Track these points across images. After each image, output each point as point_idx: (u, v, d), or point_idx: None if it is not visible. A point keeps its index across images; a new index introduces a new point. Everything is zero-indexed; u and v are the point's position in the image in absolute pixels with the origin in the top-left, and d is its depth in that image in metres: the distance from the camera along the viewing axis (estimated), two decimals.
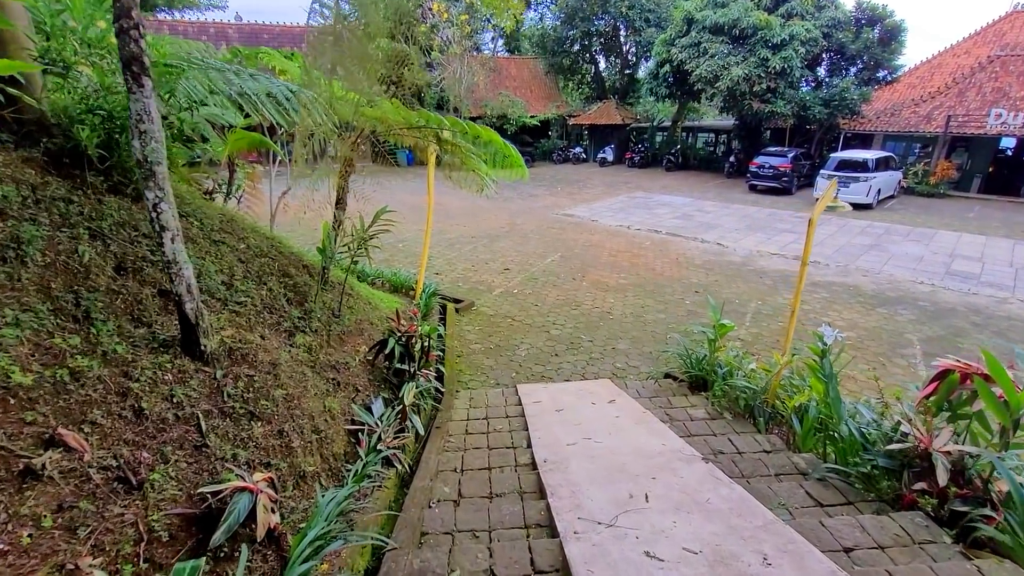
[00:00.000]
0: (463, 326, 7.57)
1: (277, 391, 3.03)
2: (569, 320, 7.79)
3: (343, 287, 4.93)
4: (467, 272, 10.00)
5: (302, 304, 4.28)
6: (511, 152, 5.36)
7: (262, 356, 3.17)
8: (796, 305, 4.75)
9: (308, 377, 3.51)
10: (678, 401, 5.09)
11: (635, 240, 12.61)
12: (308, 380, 3.48)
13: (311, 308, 4.26)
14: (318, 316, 4.34)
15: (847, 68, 19.84)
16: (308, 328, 4.10)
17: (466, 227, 13.74)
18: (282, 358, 3.34)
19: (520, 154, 20.91)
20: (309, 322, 4.16)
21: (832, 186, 4.79)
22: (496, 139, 5.04)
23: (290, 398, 3.11)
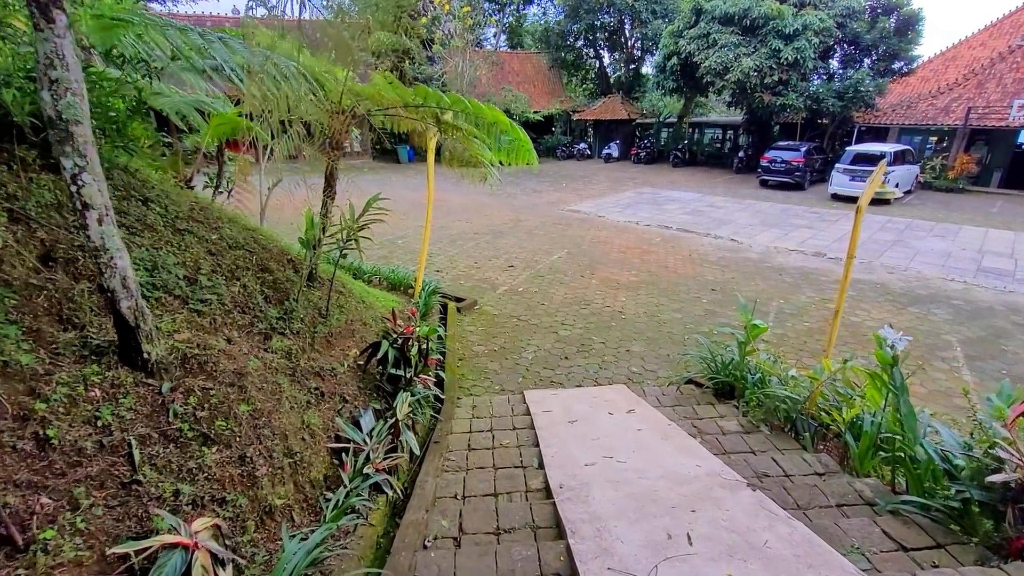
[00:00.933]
0: (465, 326, 7.05)
1: (241, 407, 2.51)
2: (579, 320, 7.26)
3: (331, 283, 4.41)
4: (469, 269, 9.48)
5: (283, 303, 3.76)
6: (519, 135, 4.82)
7: (225, 364, 2.65)
8: (840, 304, 4.21)
9: (283, 388, 2.99)
10: (705, 411, 4.55)
11: (645, 236, 12.06)
12: (283, 391, 2.97)
13: (292, 307, 3.74)
14: (301, 316, 3.83)
15: (861, 59, 19.21)
16: (288, 330, 3.58)
17: (468, 223, 13.22)
18: (251, 366, 2.82)
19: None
20: (289, 323, 3.64)
21: (881, 169, 4.24)
22: (502, 119, 4.50)
23: (258, 414, 2.60)
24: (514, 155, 5.28)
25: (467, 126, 5.04)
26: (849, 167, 15.58)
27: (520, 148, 5.21)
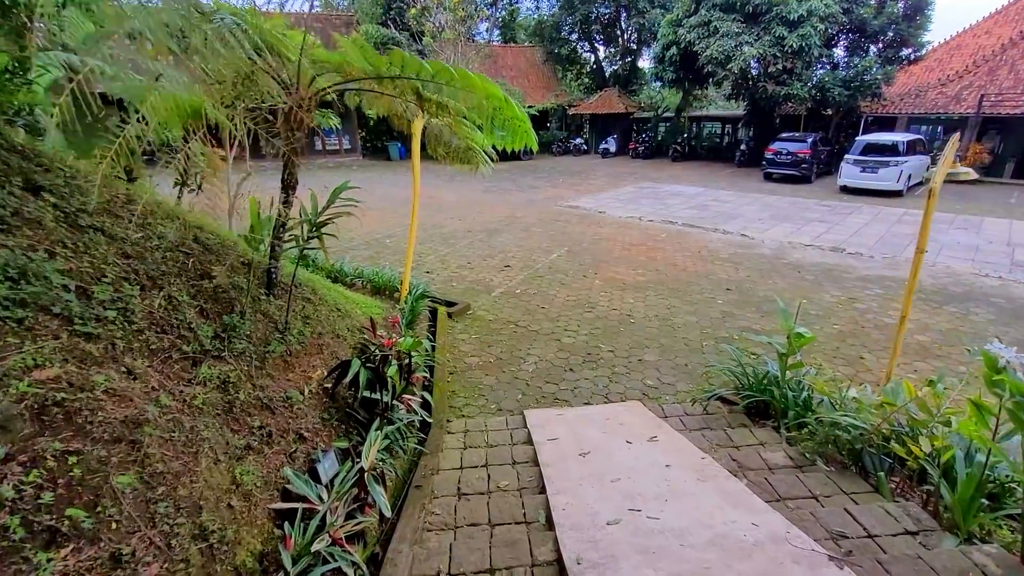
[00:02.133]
0: (457, 334, 6.31)
1: (122, 477, 1.76)
2: (583, 325, 6.53)
3: (291, 289, 3.66)
4: (462, 270, 8.73)
5: (224, 317, 3.01)
6: (515, 112, 4.08)
7: (111, 411, 1.91)
8: (907, 308, 3.50)
9: (206, 435, 2.24)
10: (740, 436, 3.83)
11: (649, 232, 11.34)
12: (206, 440, 2.22)
13: (234, 322, 2.99)
14: (247, 333, 3.08)
15: (867, 47, 18.53)
16: (227, 352, 2.84)
17: (461, 221, 12.47)
18: (154, 410, 2.07)
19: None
20: (230, 343, 2.89)
21: (952, 146, 3.53)
22: (495, 93, 3.75)
23: (154, 482, 1.85)
24: (510, 137, 4.52)
25: (454, 104, 4.29)
26: (859, 158, 14.89)
27: (517, 129, 4.45)
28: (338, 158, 25.22)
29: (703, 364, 5.55)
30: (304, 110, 3.77)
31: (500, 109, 4.14)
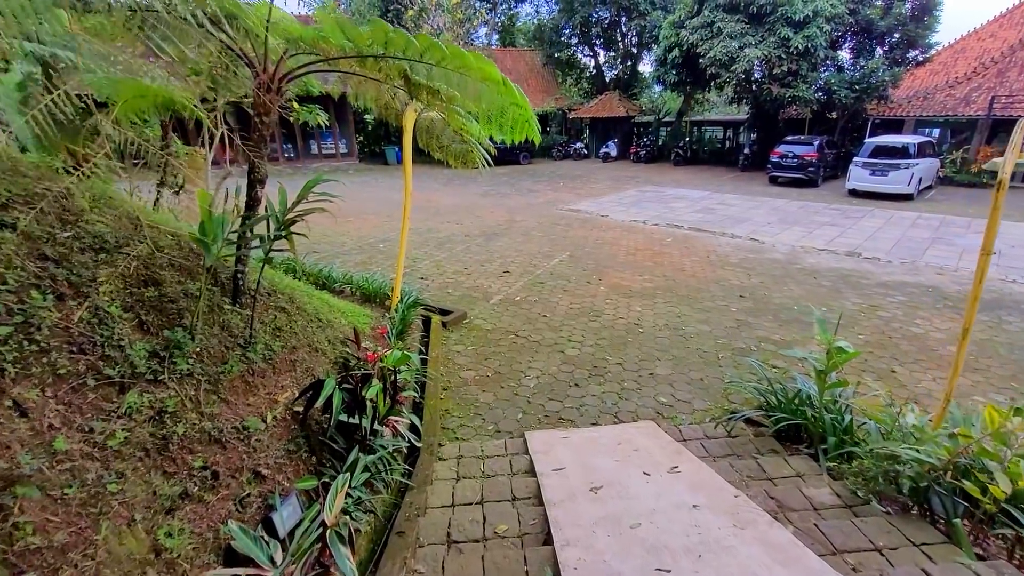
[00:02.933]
0: (452, 345, 5.82)
1: None
2: (588, 335, 6.05)
3: (255, 297, 3.17)
4: (459, 276, 8.25)
5: (166, 331, 2.53)
6: (516, 97, 3.61)
7: None
8: (971, 320, 3.02)
9: (118, 488, 1.75)
10: (773, 465, 3.34)
11: (654, 236, 10.88)
12: (118, 493, 1.73)
13: (176, 339, 2.50)
14: (196, 350, 2.59)
15: (874, 48, 18.17)
16: (166, 374, 2.35)
17: (458, 225, 12.01)
18: (32, 463, 1.58)
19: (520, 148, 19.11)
20: (171, 363, 2.40)
21: (1021, 132, 3.06)
22: (493, 74, 3.29)
23: (26, 561, 1.36)
24: (510, 127, 4.05)
25: (447, 89, 3.82)
26: (869, 160, 14.46)
27: (518, 119, 3.98)
28: (334, 162, 24.79)
29: (721, 378, 5.07)
30: (272, 93, 3.29)
31: (499, 95, 3.66)
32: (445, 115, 4.31)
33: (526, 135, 4.10)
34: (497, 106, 3.89)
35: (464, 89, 3.64)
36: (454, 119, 4.21)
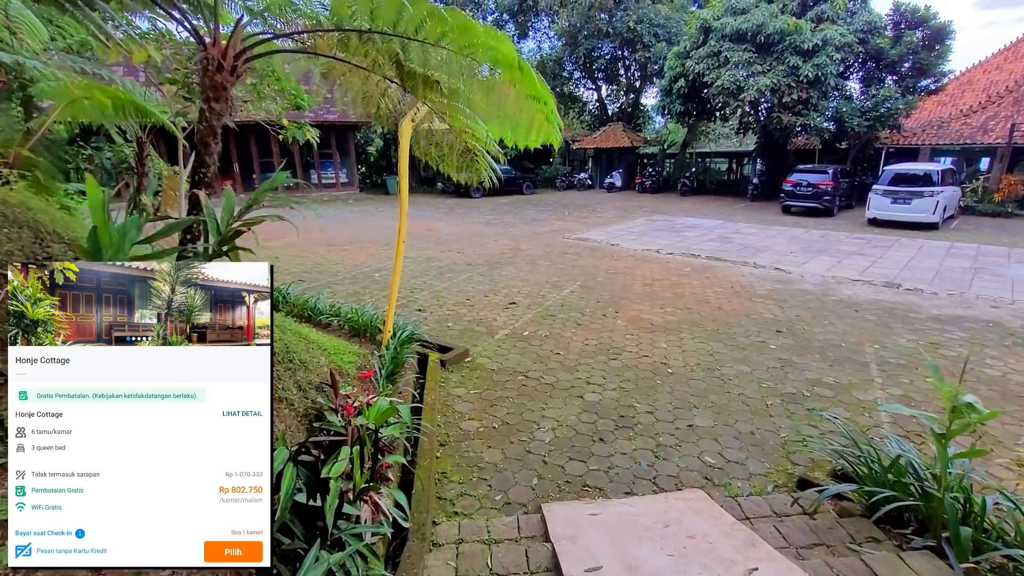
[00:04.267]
0: (451, 388, 4.97)
1: None
2: (609, 376, 5.21)
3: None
4: (460, 307, 7.46)
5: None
6: (535, 86, 2.89)
7: None
8: None
9: None
10: (886, 567, 2.45)
11: (671, 266, 10.13)
12: None
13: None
14: None
15: (884, 77, 17.85)
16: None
17: (460, 254, 11.30)
18: None
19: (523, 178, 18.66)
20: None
21: None
22: (507, 53, 2.59)
23: None
24: (525, 128, 3.33)
25: (449, 81, 3.11)
26: (890, 188, 13.86)
27: (536, 117, 3.26)
28: (334, 191, 24.38)
29: (775, 432, 4.20)
30: (225, 73, 2.58)
31: (514, 84, 2.95)
32: (446, 115, 3.60)
33: (544, 139, 3.38)
34: (512, 102, 3.17)
35: (470, 79, 2.92)
36: (456, 118, 3.49)
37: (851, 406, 4.63)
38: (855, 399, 4.76)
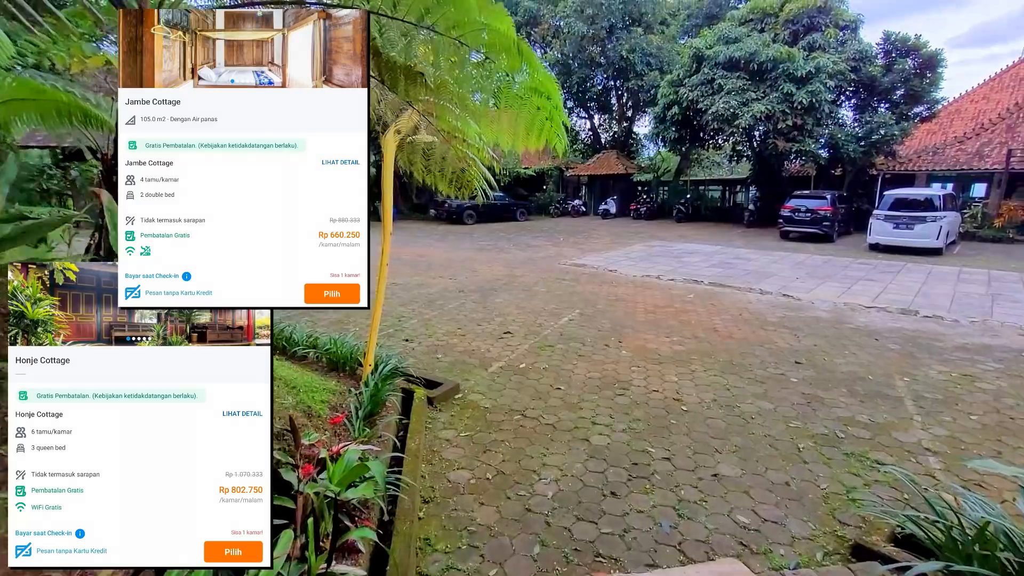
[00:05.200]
0: (439, 431, 4.37)
1: None
2: (617, 415, 4.63)
3: None
4: (451, 337, 6.89)
5: None
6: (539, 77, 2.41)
7: None
8: None
9: None
10: None
11: (673, 292, 9.65)
12: None
13: None
14: None
15: (877, 104, 17.89)
16: None
17: (452, 280, 10.78)
18: None
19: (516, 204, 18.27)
20: None
21: None
22: (506, 33, 2.13)
23: None
24: (524, 128, 2.84)
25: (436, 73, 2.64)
26: (891, 213, 13.61)
27: (536, 113, 2.77)
28: None
29: (812, 482, 3.62)
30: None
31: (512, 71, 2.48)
32: (433, 116, 3.12)
33: (546, 140, 2.89)
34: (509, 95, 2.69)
35: (460, 66, 2.44)
36: (444, 119, 3.01)
37: (893, 449, 4.07)
38: (896, 441, 4.21)
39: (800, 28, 18.01)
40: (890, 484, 3.59)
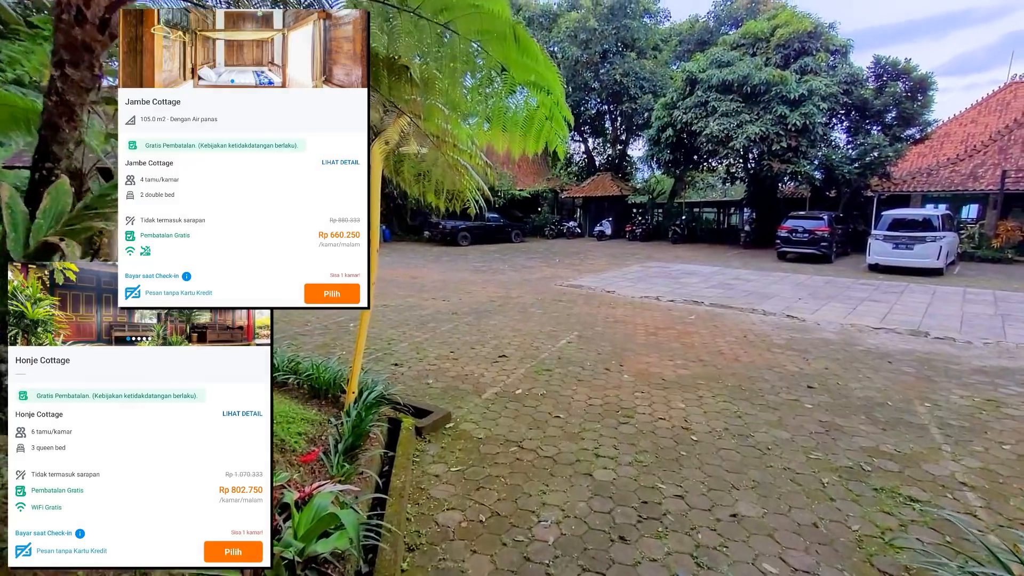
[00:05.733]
0: (427, 465, 3.98)
1: None
2: (622, 446, 4.26)
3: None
4: (442, 361, 6.52)
5: None
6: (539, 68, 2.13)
7: None
8: None
9: None
10: None
11: (674, 313, 9.34)
12: None
13: None
14: None
15: (870, 127, 17.98)
16: None
17: (444, 301, 10.44)
18: None
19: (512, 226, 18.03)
20: None
21: None
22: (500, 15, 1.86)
23: None
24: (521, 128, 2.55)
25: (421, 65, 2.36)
26: (890, 234, 13.47)
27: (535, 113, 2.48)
28: None
29: (843, 523, 3.26)
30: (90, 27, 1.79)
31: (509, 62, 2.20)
32: (419, 118, 2.83)
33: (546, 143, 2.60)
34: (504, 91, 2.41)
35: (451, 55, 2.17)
36: (432, 120, 2.72)
37: (925, 484, 3.72)
38: (927, 474, 3.85)
39: (791, 52, 18.21)
40: (929, 525, 3.23)
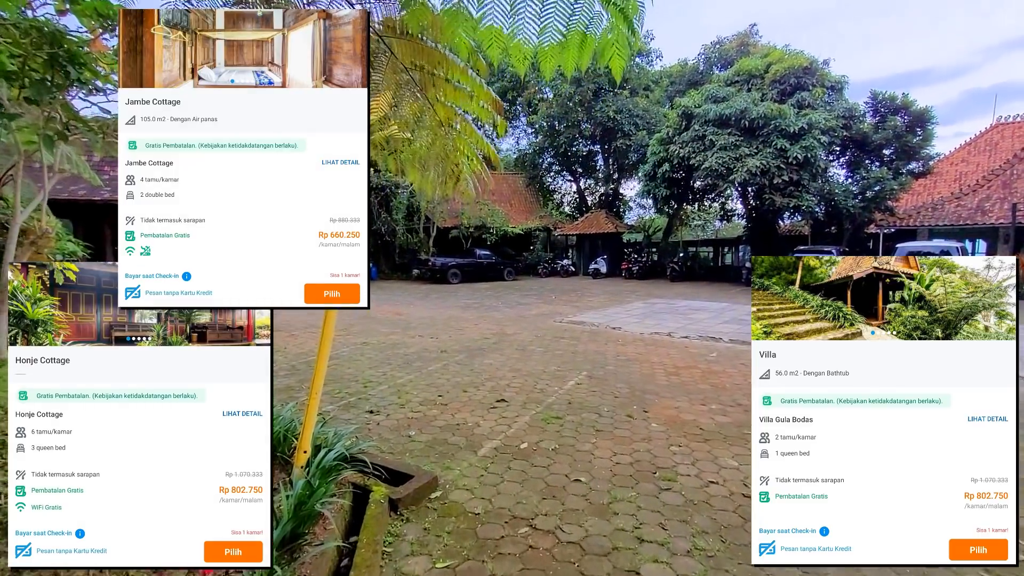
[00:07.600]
0: (403, 557, 2.80)
1: None
2: (672, 525, 3.14)
3: None
4: (429, 407, 5.37)
5: None
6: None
7: None
8: None
9: None
10: None
11: (691, 351, 8.30)
12: None
13: None
14: None
15: (870, 161, 17.65)
16: None
17: (433, 339, 9.32)
18: None
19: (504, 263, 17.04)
20: None
21: None
22: None
23: None
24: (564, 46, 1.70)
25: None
26: None
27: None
28: None
29: None
30: None
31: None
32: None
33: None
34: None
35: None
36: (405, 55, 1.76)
37: None
38: None
39: (787, 87, 18.05)
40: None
